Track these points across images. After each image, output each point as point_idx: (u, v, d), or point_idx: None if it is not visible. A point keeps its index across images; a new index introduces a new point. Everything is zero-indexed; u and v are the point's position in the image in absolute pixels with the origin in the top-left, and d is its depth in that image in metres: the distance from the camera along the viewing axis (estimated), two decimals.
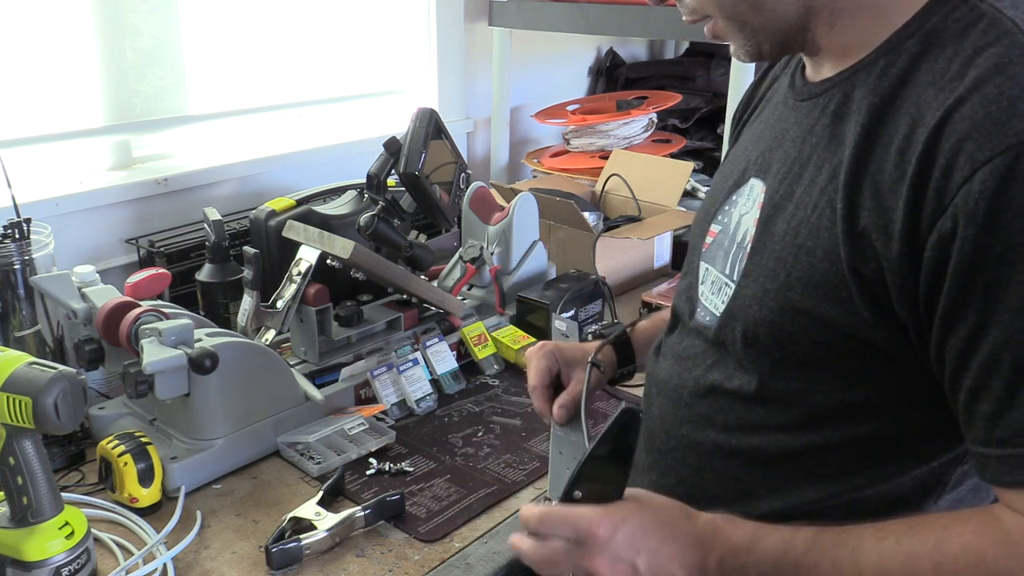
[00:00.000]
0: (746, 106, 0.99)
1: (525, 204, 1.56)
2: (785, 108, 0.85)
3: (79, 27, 1.52)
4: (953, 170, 0.63)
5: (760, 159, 0.85)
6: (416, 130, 1.38)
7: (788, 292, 0.74)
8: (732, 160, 0.93)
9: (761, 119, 0.91)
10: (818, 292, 0.72)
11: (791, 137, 0.81)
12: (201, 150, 1.73)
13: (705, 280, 0.89)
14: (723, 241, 0.87)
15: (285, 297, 1.28)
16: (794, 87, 0.85)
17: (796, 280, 0.73)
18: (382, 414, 1.25)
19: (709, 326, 0.85)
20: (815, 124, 0.78)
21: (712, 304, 0.85)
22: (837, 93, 0.77)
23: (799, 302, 0.73)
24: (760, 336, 0.77)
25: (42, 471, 0.89)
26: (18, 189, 1.28)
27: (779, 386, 0.77)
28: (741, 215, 0.85)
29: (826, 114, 0.77)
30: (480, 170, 2.26)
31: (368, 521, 1.02)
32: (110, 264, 1.51)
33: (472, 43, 2.16)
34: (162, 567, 0.94)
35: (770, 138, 0.85)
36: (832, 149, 0.74)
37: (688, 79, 2.51)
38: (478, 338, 1.41)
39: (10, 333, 1.23)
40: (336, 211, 1.51)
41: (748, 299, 0.78)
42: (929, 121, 0.66)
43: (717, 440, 0.82)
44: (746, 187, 0.86)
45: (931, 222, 0.64)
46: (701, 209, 0.97)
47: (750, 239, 0.81)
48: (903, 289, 0.67)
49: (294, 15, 1.84)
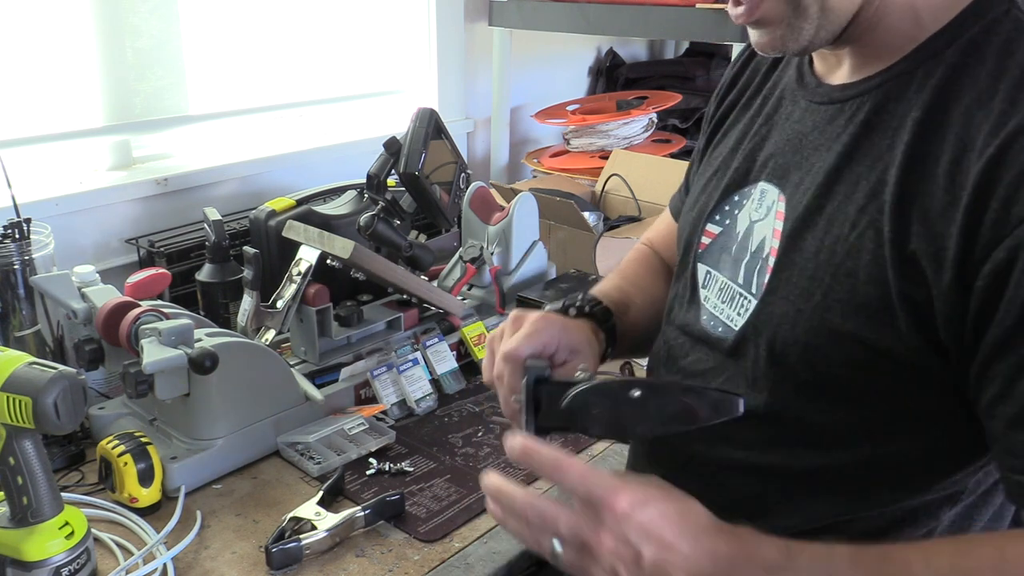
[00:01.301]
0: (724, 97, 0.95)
1: (525, 204, 1.56)
2: (796, 108, 0.82)
3: (79, 27, 1.52)
4: (1013, 203, 0.62)
5: (771, 162, 0.82)
6: (416, 130, 1.37)
7: (826, 314, 0.71)
8: (724, 156, 0.90)
9: (762, 115, 0.87)
10: (860, 315, 0.69)
11: (812, 144, 0.78)
12: (201, 150, 1.73)
13: (708, 284, 0.86)
14: (727, 244, 0.84)
15: (285, 297, 1.27)
16: (805, 86, 0.82)
17: (835, 302, 0.71)
18: (382, 414, 1.25)
19: (723, 338, 0.82)
20: (841, 133, 0.75)
21: (724, 314, 0.82)
22: (867, 101, 0.74)
23: (839, 324, 0.71)
24: (790, 355, 0.74)
25: (42, 471, 0.89)
26: (18, 189, 1.28)
27: (802, 404, 0.74)
28: (751, 220, 0.82)
29: (855, 123, 0.74)
30: (480, 170, 2.26)
31: (368, 521, 1.01)
32: (110, 264, 1.51)
33: (472, 43, 2.16)
34: (162, 567, 0.94)
35: (781, 140, 0.82)
36: (868, 164, 0.72)
37: (688, 79, 2.51)
38: (478, 338, 1.41)
39: (10, 333, 1.23)
40: (336, 211, 1.51)
41: (777, 317, 0.75)
42: (983, 148, 0.64)
43: (733, 457, 0.79)
44: (753, 190, 0.83)
45: (986, 252, 0.63)
46: (691, 205, 0.93)
47: (771, 251, 0.78)
48: (951, 315, 0.65)
49: (294, 15, 1.84)
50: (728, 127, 0.93)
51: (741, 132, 0.89)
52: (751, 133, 0.87)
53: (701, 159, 0.98)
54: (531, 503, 0.64)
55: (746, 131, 0.89)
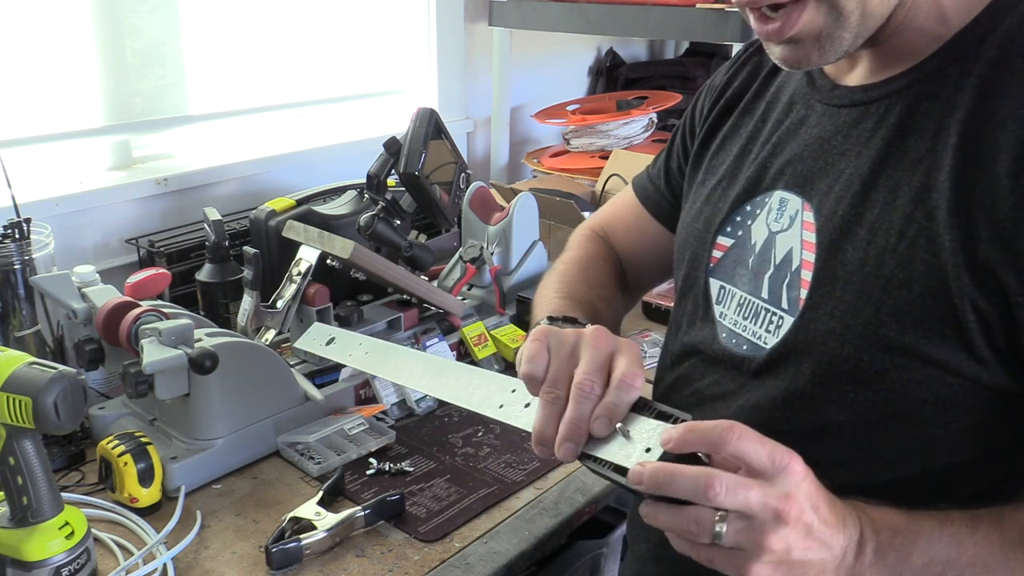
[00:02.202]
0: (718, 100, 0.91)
1: (525, 204, 1.56)
2: (812, 113, 0.78)
3: (79, 27, 1.52)
4: None
5: (789, 169, 0.78)
6: (416, 130, 1.38)
7: (880, 329, 0.67)
8: (729, 164, 0.86)
9: (770, 121, 0.83)
10: (918, 328, 0.66)
11: (836, 149, 0.74)
12: (201, 150, 1.73)
13: (723, 300, 0.82)
14: (742, 257, 0.80)
15: (285, 297, 1.28)
16: (817, 89, 0.78)
17: (888, 316, 0.67)
18: (382, 414, 1.25)
19: (749, 357, 0.77)
20: (870, 137, 0.71)
21: (748, 331, 0.78)
22: (897, 103, 0.70)
23: (894, 339, 0.67)
24: (838, 374, 0.70)
25: (42, 471, 0.89)
26: (18, 189, 1.28)
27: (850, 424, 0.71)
28: (772, 232, 0.78)
29: (885, 126, 0.71)
30: (480, 170, 2.26)
31: (368, 521, 1.01)
32: (110, 264, 1.51)
33: (472, 43, 2.17)
34: (162, 567, 0.94)
35: (798, 147, 0.78)
36: (907, 168, 0.68)
37: (688, 79, 2.52)
38: (478, 338, 1.41)
39: (10, 333, 1.23)
40: (336, 211, 1.51)
41: (822, 334, 0.71)
42: None
43: None
44: (768, 199, 0.79)
45: None
46: (694, 216, 0.88)
47: (803, 264, 0.74)
48: None
49: (294, 15, 1.84)
50: (727, 133, 0.89)
51: (746, 139, 0.86)
52: (759, 140, 0.83)
53: (694, 164, 0.94)
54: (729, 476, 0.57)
55: (752, 138, 0.85)
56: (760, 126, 0.85)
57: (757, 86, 0.88)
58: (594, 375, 0.64)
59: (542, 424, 0.65)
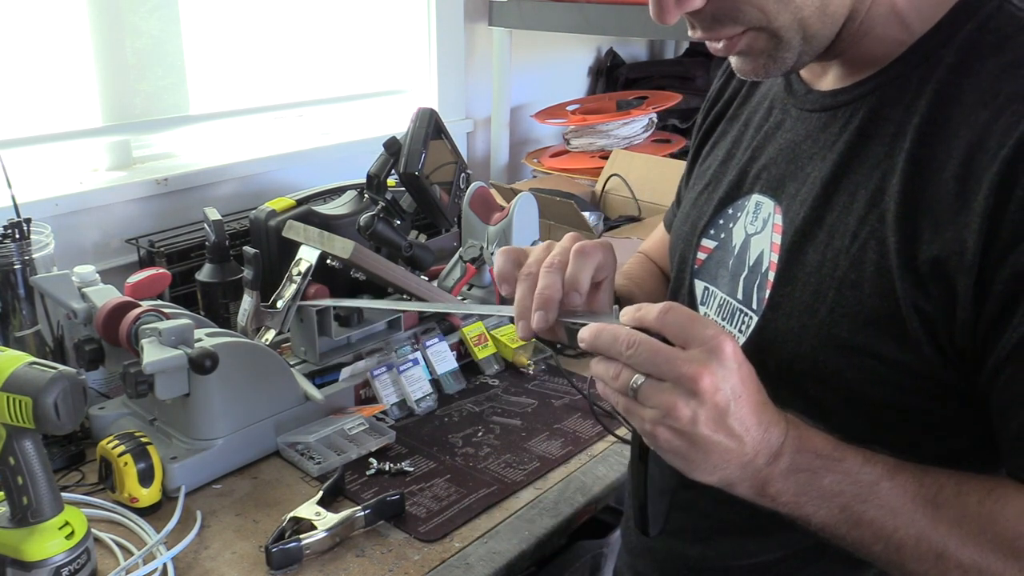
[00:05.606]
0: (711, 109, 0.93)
1: (525, 204, 1.56)
2: (787, 117, 0.80)
3: (79, 27, 1.52)
4: None
5: (764, 173, 0.80)
6: (416, 130, 1.37)
7: (833, 328, 0.70)
8: (715, 168, 0.88)
9: (752, 126, 0.85)
10: (869, 328, 0.68)
11: (806, 153, 0.76)
12: (201, 150, 1.73)
13: (707, 301, 0.84)
14: (723, 259, 0.82)
15: (285, 297, 1.27)
16: (794, 93, 0.80)
17: (841, 316, 0.69)
18: (382, 414, 1.25)
19: None
20: (835, 141, 0.73)
21: None
22: (861, 107, 0.72)
23: (847, 339, 0.69)
24: (797, 372, 0.72)
25: (42, 471, 0.89)
26: (18, 189, 1.28)
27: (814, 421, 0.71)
28: (748, 234, 0.80)
29: (848, 130, 0.72)
30: (480, 170, 2.26)
31: (368, 521, 1.01)
32: (110, 264, 1.51)
33: (472, 43, 2.17)
34: (162, 567, 0.94)
35: (774, 151, 0.80)
36: (865, 172, 0.70)
37: (688, 79, 2.51)
38: (478, 338, 1.41)
39: (10, 333, 1.23)
40: (336, 211, 1.51)
41: (782, 333, 0.74)
42: (995, 148, 0.61)
43: None
44: (747, 202, 0.81)
45: (1002, 256, 0.61)
46: (682, 219, 0.91)
47: (770, 265, 0.76)
48: (966, 321, 0.64)
49: (294, 15, 1.84)
50: (716, 138, 0.91)
51: (731, 143, 0.88)
52: (743, 144, 0.85)
53: (690, 172, 0.97)
54: (642, 336, 0.61)
55: (736, 142, 0.87)
56: (744, 131, 0.87)
57: (744, 92, 0.90)
58: (562, 255, 0.70)
59: (520, 297, 0.71)
